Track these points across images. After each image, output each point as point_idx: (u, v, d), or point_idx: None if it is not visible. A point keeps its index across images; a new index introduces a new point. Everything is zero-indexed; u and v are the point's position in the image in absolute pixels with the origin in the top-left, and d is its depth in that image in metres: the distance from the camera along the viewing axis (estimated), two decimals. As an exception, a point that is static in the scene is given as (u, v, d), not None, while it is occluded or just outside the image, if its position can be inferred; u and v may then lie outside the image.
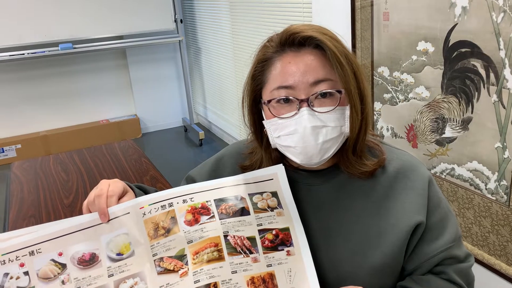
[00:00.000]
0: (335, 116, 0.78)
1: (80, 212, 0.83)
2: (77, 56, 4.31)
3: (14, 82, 4.19)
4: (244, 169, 0.92)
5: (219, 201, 0.84)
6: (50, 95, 4.35)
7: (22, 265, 0.77)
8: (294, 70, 0.77)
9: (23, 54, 3.78)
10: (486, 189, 1.46)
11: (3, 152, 4.12)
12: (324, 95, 0.78)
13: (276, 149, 0.86)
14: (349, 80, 0.76)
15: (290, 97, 0.78)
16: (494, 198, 1.44)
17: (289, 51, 0.79)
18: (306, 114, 0.77)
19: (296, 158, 0.81)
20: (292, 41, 0.79)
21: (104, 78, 4.54)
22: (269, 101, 0.80)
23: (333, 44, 0.77)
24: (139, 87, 4.69)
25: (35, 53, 3.81)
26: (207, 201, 0.83)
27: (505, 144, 1.36)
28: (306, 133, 0.77)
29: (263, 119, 0.85)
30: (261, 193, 0.85)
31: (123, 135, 4.52)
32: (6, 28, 3.65)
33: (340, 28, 1.95)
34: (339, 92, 0.78)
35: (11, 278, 0.76)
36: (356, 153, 0.84)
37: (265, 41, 0.85)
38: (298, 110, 0.77)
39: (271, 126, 0.82)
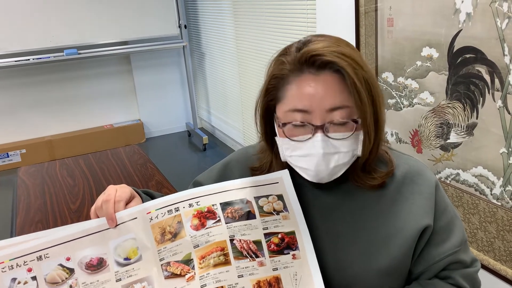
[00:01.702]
0: (349, 142, 0.78)
1: (87, 218, 0.83)
2: (82, 61, 4.33)
3: (19, 87, 4.21)
4: (254, 170, 0.93)
5: (225, 205, 0.84)
6: (54, 100, 4.37)
7: (30, 270, 0.77)
8: (312, 93, 0.75)
9: (28, 59, 3.81)
10: (491, 194, 1.46)
11: (8, 157, 4.15)
12: (339, 123, 0.77)
13: None
14: (365, 109, 0.75)
15: (306, 123, 0.77)
16: (499, 204, 1.44)
17: (307, 73, 0.76)
18: (320, 140, 0.76)
19: (307, 176, 0.81)
20: (312, 63, 0.76)
21: (108, 83, 4.57)
22: (285, 124, 0.79)
23: (353, 70, 0.74)
24: (143, 92, 4.71)
25: (40, 58, 3.84)
26: (213, 205, 0.84)
27: (510, 149, 1.36)
28: (319, 158, 0.77)
29: (275, 127, 0.85)
30: (267, 196, 0.86)
31: (127, 140, 4.54)
32: (11, 33, 3.68)
33: (344, 33, 1.96)
34: (355, 121, 0.77)
35: (19, 283, 0.76)
36: (366, 169, 0.84)
37: (281, 53, 0.82)
38: (313, 135, 0.77)
39: (283, 144, 0.82)
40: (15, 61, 3.77)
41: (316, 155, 0.77)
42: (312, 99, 0.75)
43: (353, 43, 1.91)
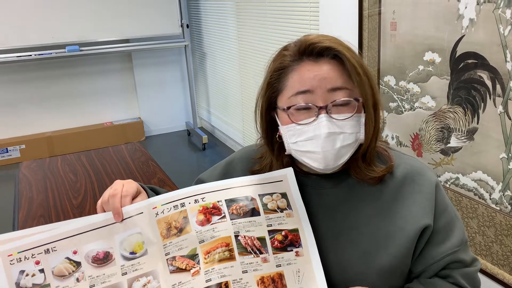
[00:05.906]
0: (351, 123, 0.80)
1: (89, 213, 0.85)
2: (83, 58, 4.34)
3: (20, 82, 4.22)
4: (254, 173, 0.94)
5: (230, 202, 0.85)
6: (55, 96, 4.38)
7: (37, 262, 0.78)
8: (312, 76, 0.80)
9: (30, 55, 3.82)
10: (490, 199, 1.47)
11: (7, 152, 4.15)
12: (341, 103, 0.80)
13: (288, 155, 0.87)
14: (366, 89, 0.79)
15: (310, 105, 0.80)
16: (498, 208, 1.45)
17: (307, 60, 0.81)
18: (324, 121, 0.79)
19: (313, 162, 0.82)
20: (311, 51, 0.81)
21: (109, 81, 4.58)
22: (289, 108, 0.82)
23: (350, 55, 0.79)
24: (144, 90, 4.72)
25: (42, 54, 3.85)
26: (218, 201, 0.85)
27: (510, 155, 1.38)
28: (325, 139, 0.79)
29: (275, 126, 0.87)
30: (271, 194, 0.87)
31: (126, 138, 4.54)
32: (13, 29, 3.68)
33: (347, 36, 1.96)
34: (357, 100, 0.80)
35: (27, 275, 0.77)
36: (366, 160, 0.86)
37: (280, 50, 0.86)
38: (317, 116, 0.79)
39: (287, 131, 0.84)
40: (17, 56, 3.78)
41: (321, 135, 0.79)
42: (313, 81, 0.79)
43: (356, 46, 1.92)
